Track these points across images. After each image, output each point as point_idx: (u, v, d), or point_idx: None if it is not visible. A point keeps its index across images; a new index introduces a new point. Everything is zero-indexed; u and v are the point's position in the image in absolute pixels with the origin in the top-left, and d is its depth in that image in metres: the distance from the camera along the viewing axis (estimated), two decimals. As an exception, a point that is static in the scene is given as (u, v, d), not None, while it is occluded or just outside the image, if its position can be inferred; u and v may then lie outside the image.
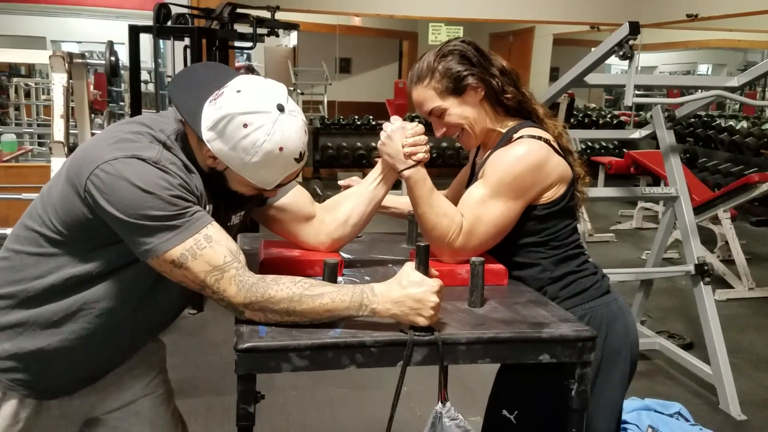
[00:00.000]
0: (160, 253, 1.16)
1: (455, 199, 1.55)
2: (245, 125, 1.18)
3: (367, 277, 1.53)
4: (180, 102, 1.24)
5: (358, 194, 1.57)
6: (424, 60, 1.57)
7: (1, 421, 1.30)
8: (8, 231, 3.54)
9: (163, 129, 1.24)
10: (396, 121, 1.53)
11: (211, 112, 1.20)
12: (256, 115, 1.19)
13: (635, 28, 2.63)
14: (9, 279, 1.28)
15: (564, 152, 1.56)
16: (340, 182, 1.80)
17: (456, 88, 1.53)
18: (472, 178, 1.73)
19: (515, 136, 1.53)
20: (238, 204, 1.36)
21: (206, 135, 1.21)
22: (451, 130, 1.59)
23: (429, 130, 1.58)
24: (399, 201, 1.86)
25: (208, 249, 1.18)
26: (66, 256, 1.24)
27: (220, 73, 1.30)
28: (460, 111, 1.55)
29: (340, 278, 1.47)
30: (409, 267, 1.24)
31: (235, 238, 1.45)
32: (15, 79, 8.28)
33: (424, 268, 1.23)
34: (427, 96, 1.55)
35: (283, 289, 1.19)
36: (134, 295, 1.29)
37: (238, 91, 1.20)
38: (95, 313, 1.27)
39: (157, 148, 1.20)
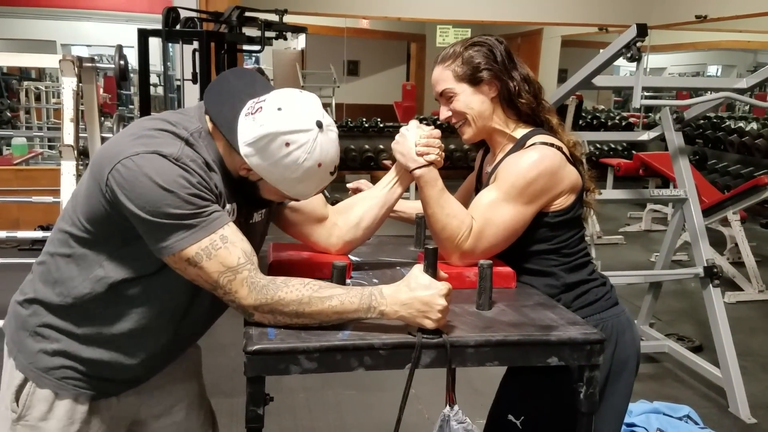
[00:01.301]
0: (175, 251, 1.18)
1: (462, 205, 1.55)
2: (287, 144, 1.19)
3: (375, 280, 1.53)
4: (216, 115, 1.25)
5: (371, 197, 1.57)
6: (454, 45, 1.59)
7: (56, 422, 1.32)
8: (18, 234, 3.57)
9: (187, 126, 1.25)
10: (412, 122, 1.55)
11: (250, 128, 1.20)
12: (298, 134, 1.19)
13: (643, 30, 2.63)
14: (47, 282, 1.31)
15: (575, 162, 1.56)
16: (349, 185, 1.80)
17: (472, 77, 1.55)
18: (479, 185, 1.74)
19: (528, 142, 1.54)
20: (260, 203, 1.37)
21: (244, 149, 1.21)
22: (455, 117, 1.59)
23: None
24: (407, 205, 1.86)
25: (223, 249, 1.19)
26: (95, 257, 1.26)
27: (250, 81, 1.32)
28: (469, 100, 1.56)
29: (348, 281, 1.47)
30: (418, 269, 1.24)
31: (263, 235, 1.47)
32: (25, 83, 8.37)
33: (432, 271, 1.23)
34: (443, 76, 1.57)
35: (293, 291, 1.20)
36: (168, 304, 1.31)
37: (279, 109, 1.20)
38: (133, 320, 1.29)
39: (179, 144, 1.20)
